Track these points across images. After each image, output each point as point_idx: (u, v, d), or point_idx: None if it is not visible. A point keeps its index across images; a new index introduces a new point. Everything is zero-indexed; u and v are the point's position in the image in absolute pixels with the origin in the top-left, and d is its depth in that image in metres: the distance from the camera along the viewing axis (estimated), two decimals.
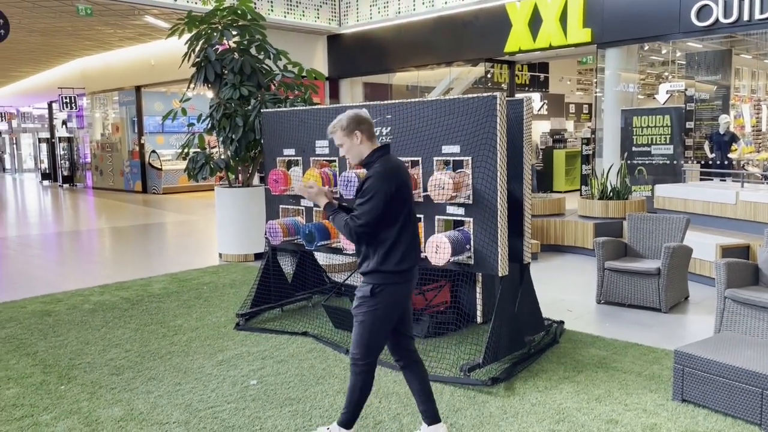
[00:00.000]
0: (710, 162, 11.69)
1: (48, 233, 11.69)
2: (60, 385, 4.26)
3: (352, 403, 3.28)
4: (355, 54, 15.02)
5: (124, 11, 12.91)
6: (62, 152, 23.76)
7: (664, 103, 11.38)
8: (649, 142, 10.40)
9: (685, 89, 12.33)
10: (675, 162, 10.21)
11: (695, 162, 12.19)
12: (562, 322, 5.30)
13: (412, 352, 3.37)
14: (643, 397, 3.94)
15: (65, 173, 23.63)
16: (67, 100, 20.44)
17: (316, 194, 3.30)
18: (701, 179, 10.73)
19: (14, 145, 33.63)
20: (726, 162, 11.31)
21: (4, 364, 4.69)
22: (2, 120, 30.09)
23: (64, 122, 25.08)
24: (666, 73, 15.44)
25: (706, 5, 9.39)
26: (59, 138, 24.41)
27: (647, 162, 10.45)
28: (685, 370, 3.81)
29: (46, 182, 25.41)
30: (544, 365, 4.50)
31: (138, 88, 19.52)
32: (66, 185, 23.41)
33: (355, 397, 3.26)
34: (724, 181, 10.53)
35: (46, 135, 27.15)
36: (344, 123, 3.19)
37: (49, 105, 26.13)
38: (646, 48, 12.35)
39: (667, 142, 10.25)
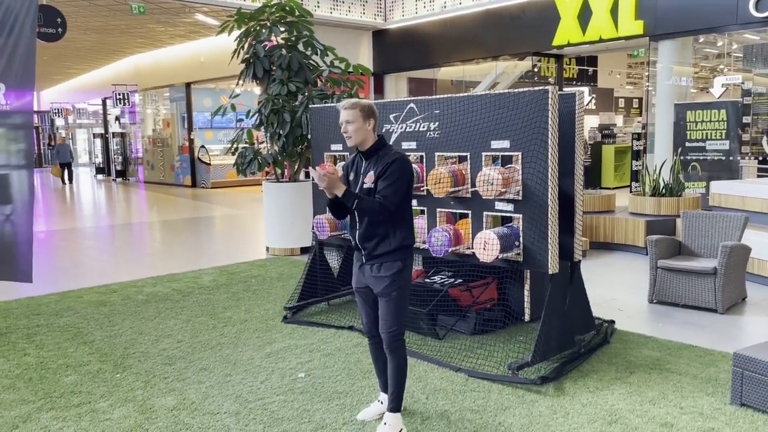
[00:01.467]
0: None
1: (102, 225, 12.07)
2: (116, 374, 4.39)
3: (401, 384, 3.46)
4: (400, 49, 15.00)
5: (175, 9, 13.20)
6: (115, 147, 24.49)
7: (719, 97, 10.99)
8: (704, 137, 10.07)
9: (742, 82, 11.88)
10: (731, 158, 9.86)
11: (752, 158, 11.75)
12: (613, 322, 5.19)
13: None
14: (699, 401, 3.82)
15: (118, 168, 24.36)
16: (120, 97, 21.05)
17: (335, 182, 3.24)
18: (759, 176, 10.34)
19: (70, 140, 34.80)
20: None
21: (63, 351, 4.86)
22: (59, 116, 31.16)
23: (117, 118, 25.82)
24: (721, 66, 14.92)
25: None
26: (113, 133, 25.17)
27: (701, 158, 10.12)
28: (745, 374, 3.68)
29: (100, 176, 26.24)
30: (595, 365, 4.42)
31: (188, 85, 19.95)
32: (119, 179, 24.13)
33: (403, 376, 3.46)
34: None
35: (100, 130, 28.03)
36: (365, 106, 3.37)
37: (103, 101, 26.94)
38: (701, 40, 11.95)
39: (723, 137, 9.91)
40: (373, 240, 3.36)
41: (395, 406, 3.46)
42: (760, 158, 11.55)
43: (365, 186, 3.37)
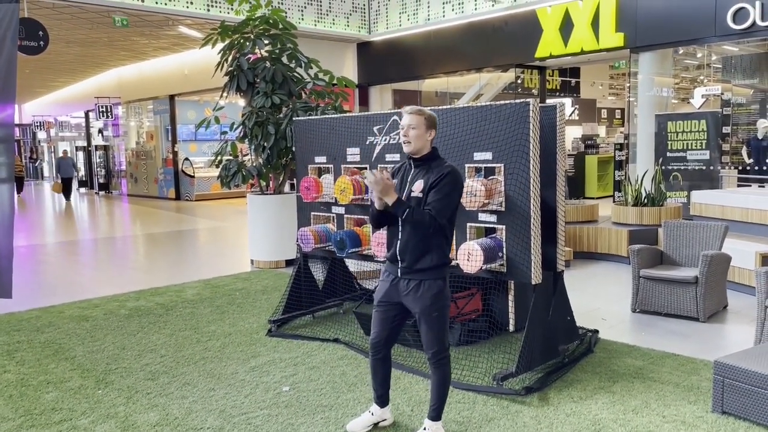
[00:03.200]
0: (748, 167, 11.42)
1: (85, 239, 11.95)
2: (97, 390, 4.34)
3: (443, 396, 3.44)
4: (384, 61, 15.08)
5: (158, 22, 13.19)
6: (98, 160, 24.31)
7: (699, 108, 11.16)
8: (685, 147, 10.21)
9: (722, 93, 12.07)
10: (711, 167, 10.00)
11: (732, 167, 11.91)
12: (597, 331, 5.22)
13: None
14: (681, 409, 3.85)
15: (101, 181, 24.17)
16: (103, 109, 20.93)
17: (390, 189, 3.17)
18: (738, 185, 10.49)
19: (52, 153, 34.51)
20: (765, 167, 11.03)
21: (44, 368, 4.80)
22: (41, 129, 30.91)
23: (100, 131, 25.68)
24: (701, 77, 15.14)
25: (742, 8, 9.20)
26: (95, 146, 25.00)
27: (682, 168, 10.25)
28: (726, 382, 3.71)
29: (82, 189, 26.01)
30: (579, 375, 4.44)
31: (172, 97, 19.89)
32: (102, 192, 23.93)
33: (446, 389, 3.43)
34: (763, 186, 10.28)
35: (82, 143, 27.82)
36: (430, 115, 3.34)
37: (86, 114, 26.78)
38: (681, 52, 12.14)
39: (703, 147, 10.05)
40: (415, 253, 3.26)
41: (436, 415, 3.46)
42: (740, 168, 11.73)
43: (413, 194, 3.28)
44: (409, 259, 3.27)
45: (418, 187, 3.28)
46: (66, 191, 20.79)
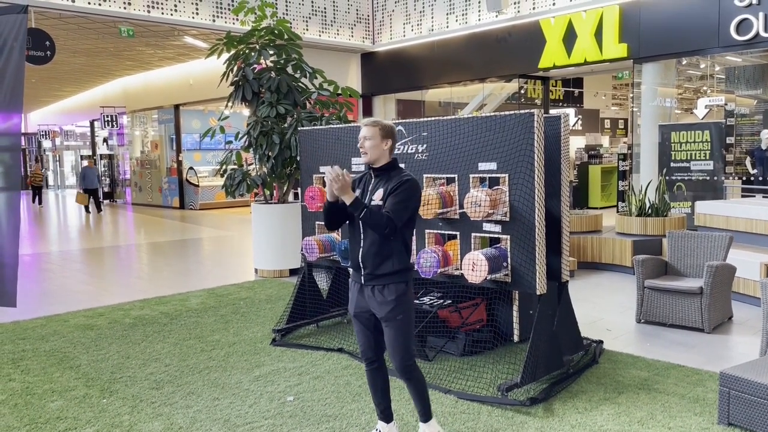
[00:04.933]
0: (752, 178, 11.41)
1: (89, 248, 11.98)
2: (102, 399, 4.34)
3: (423, 400, 3.44)
4: (388, 71, 15.14)
5: (164, 32, 13.28)
6: (103, 169, 24.39)
7: (702, 118, 11.17)
8: (688, 157, 10.21)
9: (725, 104, 12.09)
10: (715, 178, 9.99)
11: (736, 178, 11.91)
12: (601, 342, 5.21)
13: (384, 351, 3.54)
14: (687, 421, 3.84)
15: (106, 189, 24.23)
16: (109, 119, 21.04)
17: (348, 187, 3.22)
18: (743, 196, 10.48)
19: (57, 162, 34.67)
20: None
21: (49, 377, 4.80)
22: (46, 138, 31.07)
23: (105, 140, 25.79)
24: (704, 88, 15.17)
25: (746, 19, 9.23)
26: (100, 155, 25.09)
27: (686, 178, 10.25)
28: (732, 393, 3.70)
29: None
30: (584, 386, 4.43)
31: (177, 107, 19.99)
32: (106, 201, 23.99)
33: (424, 394, 3.44)
34: (767, 197, 10.26)
35: (87, 152, 27.93)
36: (385, 126, 3.40)
37: (91, 123, 26.91)
38: (684, 62, 12.17)
39: (707, 157, 10.05)
40: (377, 259, 3.30)
41: (426, 416, 3.46)
42: (744, 178, 11.72)
43: (373, 203, 3.33)
44: (371, 265, 3.31)
45: (378, 196, 3.35)
46: (95, 203, 19.03)
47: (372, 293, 3.33)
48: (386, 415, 3.57)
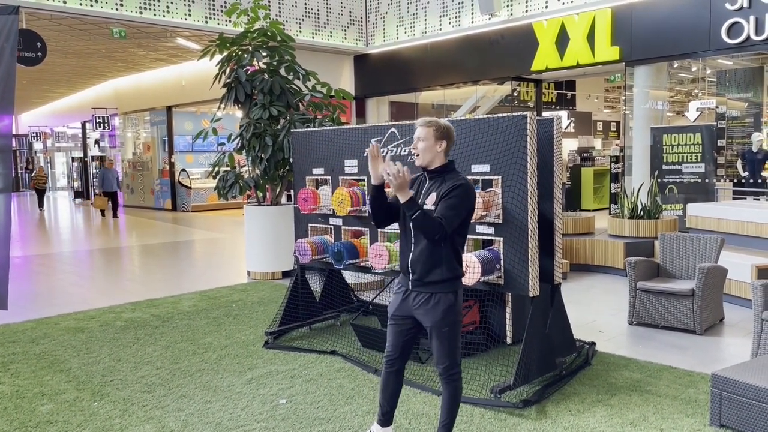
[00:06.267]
0: (743, 180, 11.48)
1: (80, 250, 11.91)
2: (93, 402, 4.31)
3: (453, 412, 3.37)
4: (381, 73, 15.14)
5: (156, 33, 13.23)
6: (95, 171, 24.26)
7: (694, 121, 11.23)
8: (680, 160, 10.26)
9: (716, 107, 12.16)
10: (707, 180, 10.05)
11: (727, 180, 11.98)
12: (594, 344, 5.22)
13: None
14: (679, 422, 3.85)
15: (97, 191, 24.10)
16: (100, 120, 20.93)
17: (406, 185, 3.05)
18: (734, 198, 10.54)
19: (48, 164, 34.47)
20: (759, 180, 11.10)
21: (39, 380, 4.77)
22: (37, 139, 30.90)
23: (96, 141, 25.66)
24: (696, 91, 15.26)
25: (737, 22, 9.29)
26: (92, 157, 24.95)
27: (678, 180, 10.30)
28: (723, 395, 3.71)
29: (78, 200, 25.94)
30: (577, 388, 4.43)
31: (169, 108, 19.91)
32: None
33: (456, 405, 3.37)
34: (758, 200, 10.33)
35: (79, 154, 27.79)
36: (441, 126, 3.28)
37: (83, 125, 26.78)
38: (676, 65, 12.24)
39: (698, 160, 10.11)
40: (426, 266, 3.20)
41: (450, 429, 3.39)
42: (735, 181, 11.79)
43: (426, 207, 3.20)
44: (420, 271, 3.22)
45: (431, 200, 3.24)
46: (112, 207, 17.69)
47: (418, 300, 3.25)
48: (386, 419, 3.51)
